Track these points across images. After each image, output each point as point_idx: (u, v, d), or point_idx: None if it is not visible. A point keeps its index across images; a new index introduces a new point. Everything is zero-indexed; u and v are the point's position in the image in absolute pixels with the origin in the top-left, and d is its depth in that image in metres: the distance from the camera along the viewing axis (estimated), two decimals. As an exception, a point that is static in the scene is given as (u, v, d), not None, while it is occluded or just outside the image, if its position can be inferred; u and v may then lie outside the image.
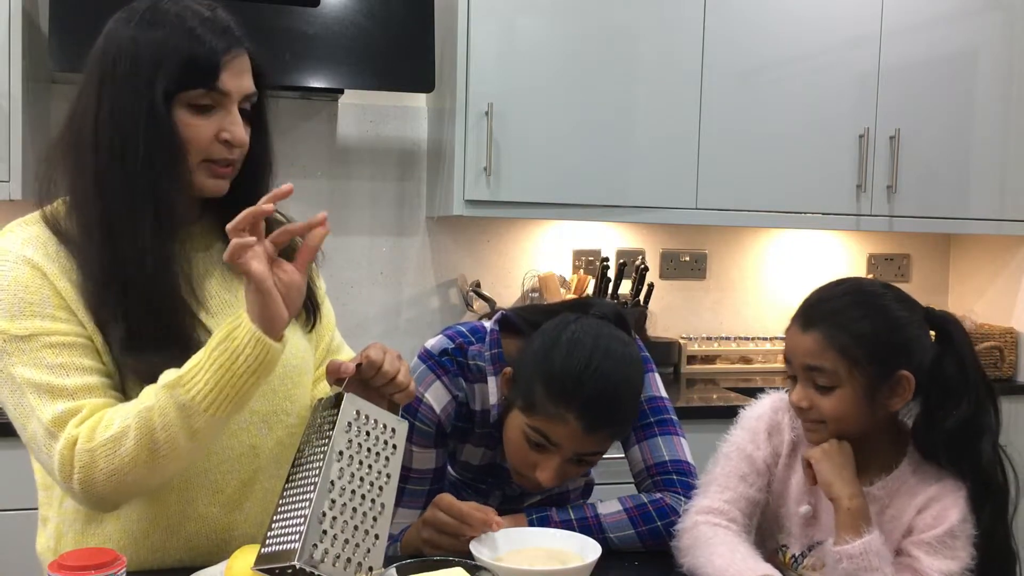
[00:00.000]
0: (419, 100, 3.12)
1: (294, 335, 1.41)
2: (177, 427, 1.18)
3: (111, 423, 1.20)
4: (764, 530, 1.49)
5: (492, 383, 1.52)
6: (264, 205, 1.16)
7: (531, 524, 1.44)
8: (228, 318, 1.21)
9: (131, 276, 1.24)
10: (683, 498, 1.49)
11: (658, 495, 1.51)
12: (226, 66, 1.27)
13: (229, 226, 1.15)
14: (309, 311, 1.46)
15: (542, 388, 1.40)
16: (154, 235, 1.26)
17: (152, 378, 1.22)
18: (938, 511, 1.35)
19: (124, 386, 1.26)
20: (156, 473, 1.23)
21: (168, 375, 1.20)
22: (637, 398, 1.48)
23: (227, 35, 1.29)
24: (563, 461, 1.42)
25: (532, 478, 1.44)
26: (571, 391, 1.38)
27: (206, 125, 1.28)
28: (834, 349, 1.34)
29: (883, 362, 1.34)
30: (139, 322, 1.24)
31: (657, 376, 1.61)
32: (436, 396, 1.53)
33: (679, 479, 1.53)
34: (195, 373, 1.18)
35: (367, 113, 3.08)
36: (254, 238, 1.16)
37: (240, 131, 1.30)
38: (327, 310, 1.55)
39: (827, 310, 1.37)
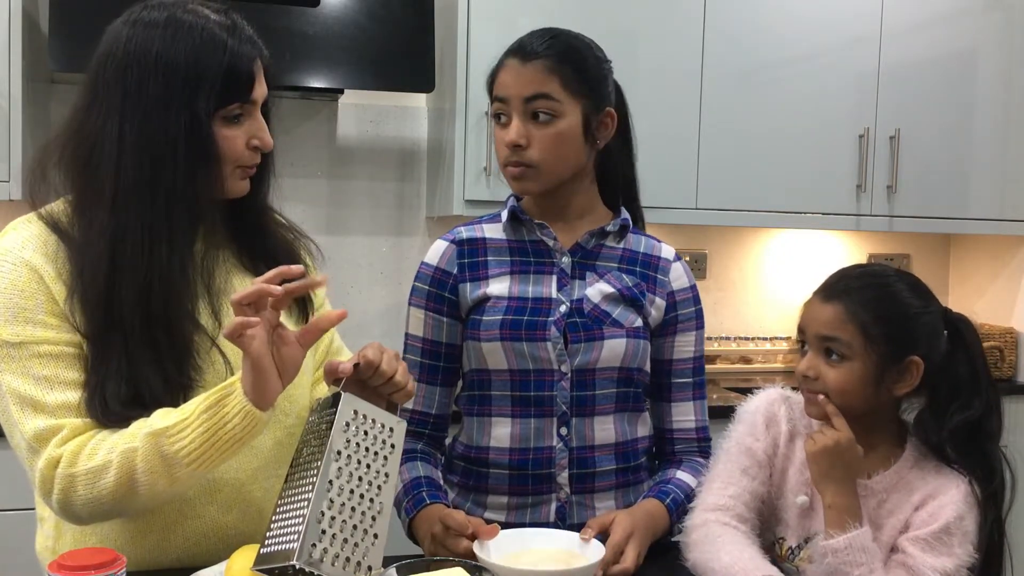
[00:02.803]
0: (419, 100, 3.12)
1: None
2: (158, 473, 1.19)
3: (95, 453, 1.21)
4: (763, 522, 1.49)
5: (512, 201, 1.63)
6: (273, 288, 1.15)
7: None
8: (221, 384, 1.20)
9: (150, 284, 1.24)
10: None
11: (705, 461, 1.61)
12: (255, 76, 1.29)
13: (234, 298, 1.15)
14: (303, 311, 1.46)
15: (495, 64, 1.57)
16: (184, 243, 1.28)
17: (141, 384, 1.23)
18: (934, 508, 1.36)
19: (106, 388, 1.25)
20: (136, 505, 1.25)
21: (156, 421, 1.20)
22: (583, 44, 1.57)
23: (253, 45, 1.30)
24: (518, 117, 1.50)
25: (509, 156, 1.52)
26: (512, 43, 1.56)
27: (239, 135, 1.30)
28: (854, 322, 1.37)
29: (896, 344, 1.37)
30: (143, 329, 1.24)
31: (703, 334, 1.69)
32: (433, 251, 1.63)
33: (710, 445, 1.65)
34: (181, 428, 1.18)
35: (367, 113, 3.08)
36: (257, 319, 1.15)
37: (268, 137, 1.33)
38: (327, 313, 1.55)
39: (851, 287, 1.41)
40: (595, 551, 1.31)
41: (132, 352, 1.23)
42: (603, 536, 1.37)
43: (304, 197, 3.01)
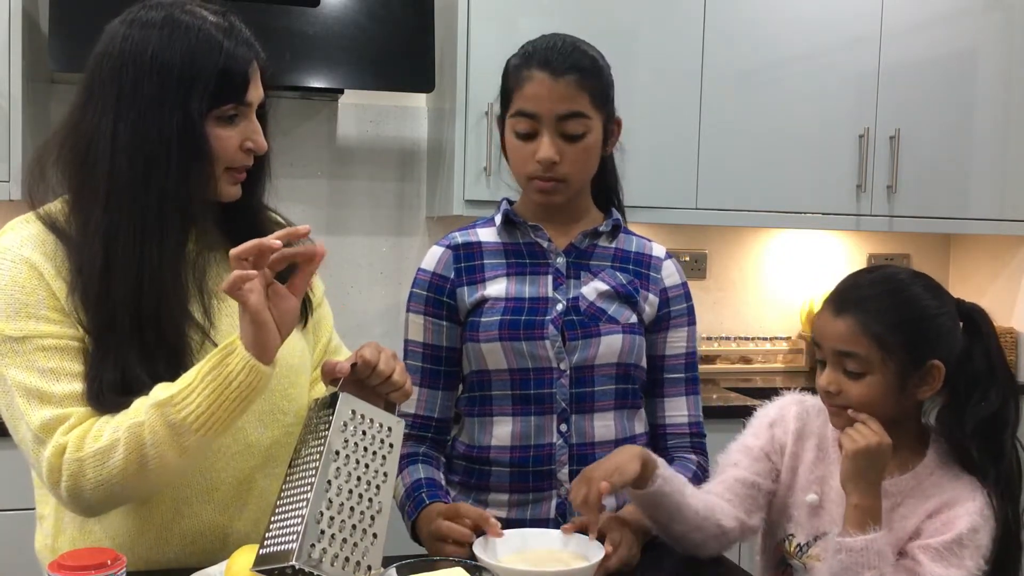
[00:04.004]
0: (419, 100, 3.12)
1: (292, 334, 1.41)
2: (167, 444, 1.19)
3: (100, 434, 1.21)
4: (773, 521, 1.50)
5: (504, 205, 1.63)
6: (273, 241, 1.16)
7: None
8: (220, 344, 1.21)
9: (141, 283, 1.24)
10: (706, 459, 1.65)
11: (697, 459, 1.63)
12: (250, 78, 1.30)
13: (233, 252, 1.16)
14: (303, 307, 1.46)
15: (510, 69, 1.54)
16: (175, 243, 1.28)
17: (132, 376, 1.23)
18: (948, 518, 1.35)
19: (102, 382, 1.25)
20: (145, 485, 1.24)
21: (158, 393, 1.20)
22: (597, 54, 1.56)
23: (249, 47, 1.30)
24: (551, 134, 1.49)
25: (536, 171, 1.51)
26: (530, 51, 1.53)
27: (233, 136, 1.30)
28: (868, 335, 1.35)
29: (915, 351, 1.35)
30: (133, 328, 1.24)
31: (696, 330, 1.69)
32: (430, 257, 1.63)
33: (704, 442, 1.66)
34: (187, 394, 1.18)
35: (367, 113, 3.08)
36: (255, 272, 1.16)
37: (262, 139, 1.33)
38: (325, 312, 1.56)
39: (861, 296, 1.38)
40: (595, 551, 1.30)
41: (125, 350, 1.24)
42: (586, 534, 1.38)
43: (304, 197, 3.01)
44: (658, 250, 1.67)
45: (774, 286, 3.48)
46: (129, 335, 1.24)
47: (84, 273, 1.25)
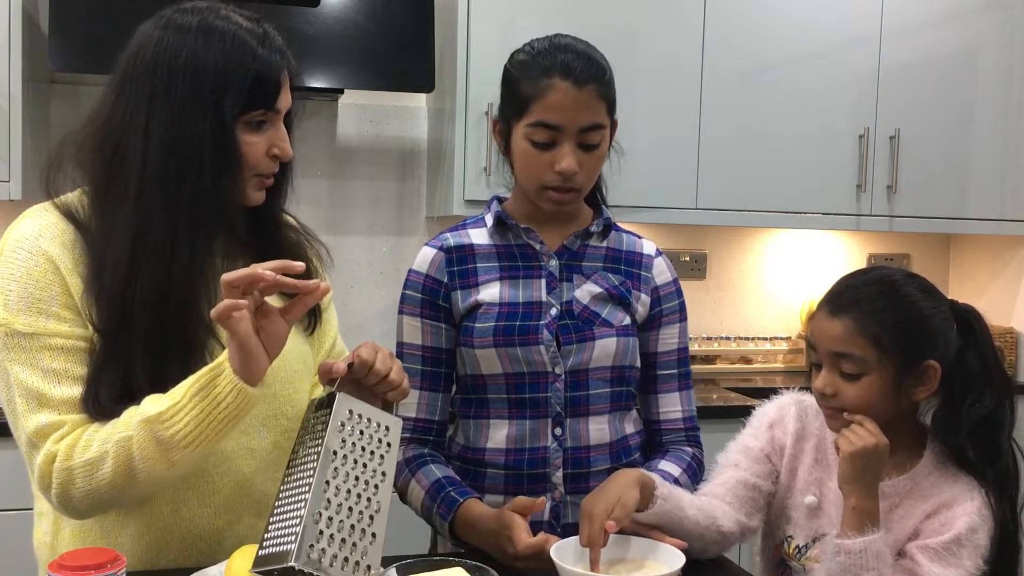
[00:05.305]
0: (419, 100, 3.12)
1: (295, 339, 1.42)
2: (155, 459, 1.19)
3: (89, 444, 1.21)
4: (772, 522, 1.50)
5: (494, 204, 1.63)
6: (266, 272, 1.15)
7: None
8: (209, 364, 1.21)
9: (169, 282, 1.24)
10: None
11: (692, 450, 1.63)
12: (281, 85, 1.30)
13: (225, 278, 1.15)
14: (311, 314, 1.46)
15: (524, 76, 1.51)
16: (205, 245, 1.28)
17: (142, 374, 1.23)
18: (947, 518, 1.35)
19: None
20: (135, 493, 1.25)
21: (147, 407, 1.20)
22: (604, 60, 1.55)
23: (282, 55, 1.31)
24: (572, 145, 1.48)
25: (554, 180, 1.50)
26: (548, 55, 1.50)
27: (261, 142, 1.30)
28: (864, 336, 1.35)
29: (911, 351, 1.36)
30: (155, 328, 1.24)
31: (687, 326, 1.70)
32: (421, 259, 1.62)
33: (698, 434, 1.67)
34: (175, 412, 1.19)
35: (367, 113, 3.08)
36: (245, 301, 1.15)
37: (288, 146, 1.34)
38: (330, 316, 1.56)
39: (857, 297, 1.38)
40: (675, 558, 1.29)
41: (135, 352, 1.24)
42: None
43: (304, 197, 2.96)
44: (648, 247, 1.67)
45: (774, 286, 3.48)
46: (144, 336, 1.24)
47: (107, 269, 1.24)
